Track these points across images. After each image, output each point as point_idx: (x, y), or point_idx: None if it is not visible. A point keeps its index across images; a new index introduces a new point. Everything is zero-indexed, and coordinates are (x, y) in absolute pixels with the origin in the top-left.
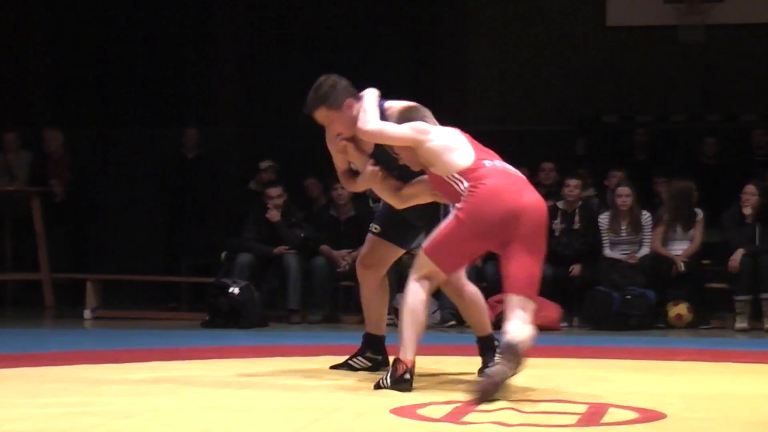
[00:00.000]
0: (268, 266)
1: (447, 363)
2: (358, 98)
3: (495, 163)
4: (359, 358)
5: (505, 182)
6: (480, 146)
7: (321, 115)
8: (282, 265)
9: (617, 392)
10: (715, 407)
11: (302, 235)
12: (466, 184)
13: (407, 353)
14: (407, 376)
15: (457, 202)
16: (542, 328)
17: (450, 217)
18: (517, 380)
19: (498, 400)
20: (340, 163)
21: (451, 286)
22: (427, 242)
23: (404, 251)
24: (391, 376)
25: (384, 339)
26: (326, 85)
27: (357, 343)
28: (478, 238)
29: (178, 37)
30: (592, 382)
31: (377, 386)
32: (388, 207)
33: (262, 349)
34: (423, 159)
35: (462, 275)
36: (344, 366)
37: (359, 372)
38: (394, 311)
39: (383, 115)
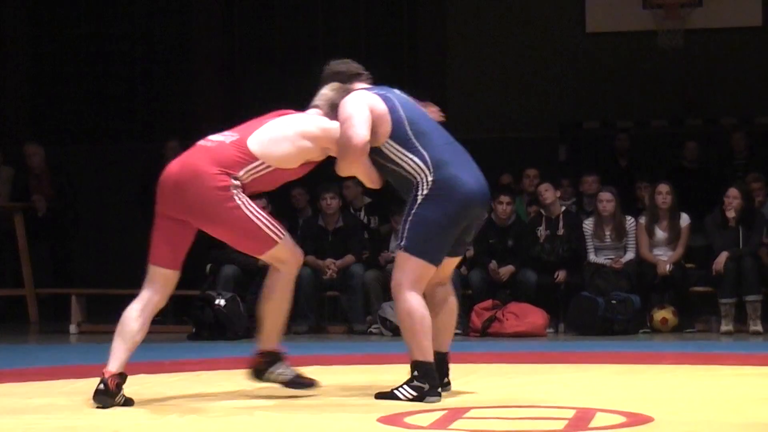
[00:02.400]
0: (252, 277)
1: None
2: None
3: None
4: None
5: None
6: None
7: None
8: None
9: (604, 397)
10: (701, 410)
11: None
12: None
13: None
14: (101, 386)
15: None
16: (528, 334)
17: None
18: (505, 386)
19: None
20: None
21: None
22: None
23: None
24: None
25: (447, 355)
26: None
27: (342, 352)
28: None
29: (158, 49)
30: (579, 387)
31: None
32: None
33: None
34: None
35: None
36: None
37: (350, 382)
38: (380, 319)
39: None
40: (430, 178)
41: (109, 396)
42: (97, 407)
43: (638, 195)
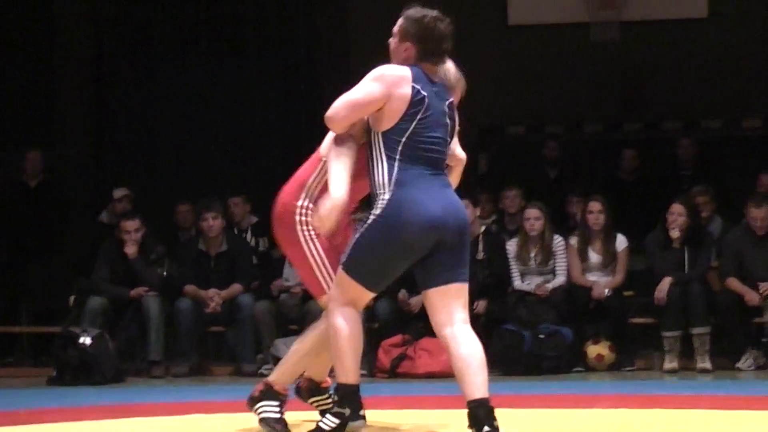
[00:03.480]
0: (124, 311)
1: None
2: None
3: None
4: None
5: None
6: None
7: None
8: (141, 309)
9: None
10: None
11: (164, 273)
12: None
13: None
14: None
15: None
16: (444, 374)
17: None
18: None
19: None
20: None
21: None
22: None
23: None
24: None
25: None
26: None
27: (228, 398)
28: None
29: (15, 46)
30: None
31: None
32: None
33: (118, 409)
34: None
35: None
36: None
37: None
38: (272, 359)
39: None
40: (386, 197)
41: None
42: None
43: (569, 211)
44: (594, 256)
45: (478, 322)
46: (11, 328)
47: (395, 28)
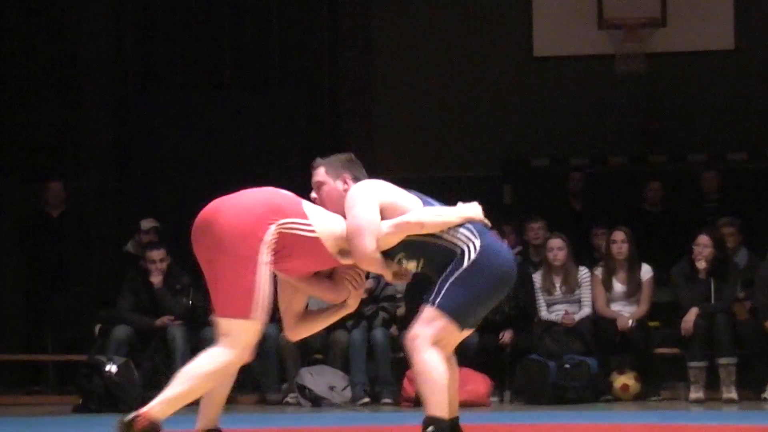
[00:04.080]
0: (149, 340)
1: None
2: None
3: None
4: None
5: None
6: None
7: (317, 174)
8: (166, 338)
9: None
10: None
11: (189, 302)
12: None
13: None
14: None
15: None
16: (469, 404)
17: None
18: None
19: None
20: None
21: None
22: None
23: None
24: None
25: (458, 419)
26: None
27: (253, 426)
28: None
29: (38, 76)
30: None
31: None
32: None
33: None
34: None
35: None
36: None
37: None
38: (298, 387)
39: None
40: (478, 243)
41: None
42: None
43: (595, 243)
44: (618, 286)
45: (503, 353)
46: (37, 357)
47: (321, 177)
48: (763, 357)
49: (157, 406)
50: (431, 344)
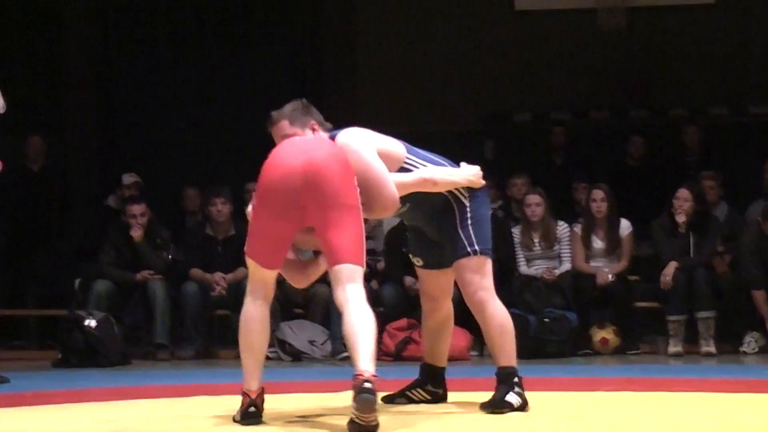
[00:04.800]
0: (130, 295)
1: (340, 399)
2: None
3: (294, 138)
4: (419, 390)
5: (286, 150)
6: None
7: (282, 129)
8: (146, 293)
9: (536, 428)
10: None
11: (170, 257)
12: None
13: (248, 383)
14: (252, 408)
15: None
16: (449, 358)
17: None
18: (420, 419)
19: None
20: None
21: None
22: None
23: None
24: (239, 411)
25: (444, 371)
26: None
27: (234, 380)
28: (272, 216)
29: (22, 32)
30: (507, 417)
31: (234, 420)
32: (415, 235)
33: (124, 391)
34: None
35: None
36: (401, 396)
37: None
38: (278, 342)
39: None
40: (471, 191)
41: (259, 417)
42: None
43: (576, 197)
44: (598, 243)
45: None
46: (17, 312)
47: (289, 131)
48: (742, 311)
49: (371, 365)
50: (493, 292)
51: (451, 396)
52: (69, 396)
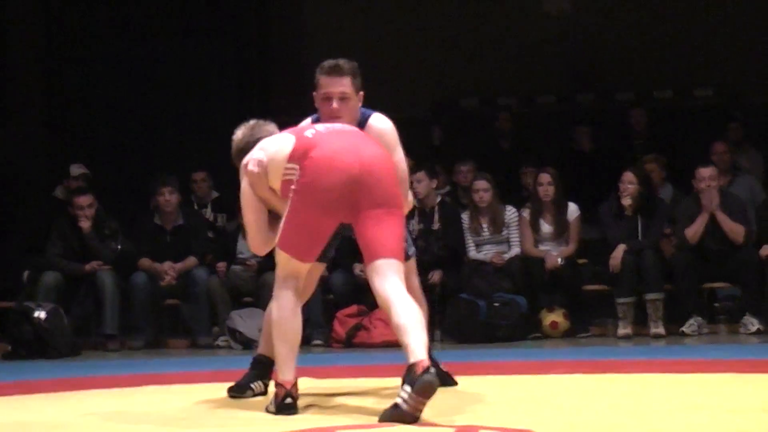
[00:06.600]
0: (78, 286)
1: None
2: None
3: (318, 128)
4: None
5: (337, 145)
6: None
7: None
8: (95, 284)
9: (487, 412)
10: (596, 424)
11: (118, 247)
12: (298, 167)
13: (283, 374)
14: (289, 400)
15: None
16: (398, 344)
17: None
18: (378, 402)
19: None
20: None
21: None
22: (277, 236)
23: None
24: (274, 402)
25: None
26: None
27: (184, 369)
28: (317, 212)
29: None
30: (458, 402)
31: (267, 411)
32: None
33: (74, 382)
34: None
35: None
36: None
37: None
38: (228, 330)
39: None
40: None
41: (295, 408)
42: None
43: (523, 182)
44: (546, 227)
45: (433, 292)
46: None
47: (348, 89)
48: (690, 292)
49: (426, 351)
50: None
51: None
52: (19, 387)
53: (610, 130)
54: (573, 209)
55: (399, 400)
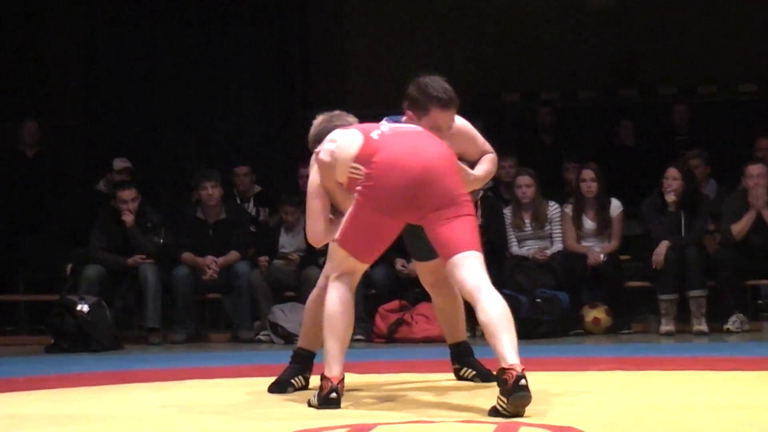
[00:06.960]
0: (121, 279)
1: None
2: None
3: (383, 129)
4: (467, 369)
5: (399, 148)
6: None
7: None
8: (138, 277)
9: (529, 408)
10: (639, 422)
11: (161, 241)
12: (363, 169)
13: (330, 368)
14: (333, 394)
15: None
16: (441, 339)
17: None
18: (419, 398)
19: None
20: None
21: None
22: (338, 232)
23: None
24: (318, 396)
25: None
26: None
27: (226, 363)
28: (382, 213)
29: (7, 16)
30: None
31: (309, 404)
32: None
33: (116, 375)
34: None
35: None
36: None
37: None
38: (270, 325)
39: None
40: None
41: (339, 403)
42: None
43: (566, 177)
44: (588, 223)
45: None
46: (9, 297)
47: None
48: (732, 289)
49: (517, 357)
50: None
51: (441, 377)
52: (62, 381)
53: (652, 126)
54: (616, 205)
55: (499, 407)
